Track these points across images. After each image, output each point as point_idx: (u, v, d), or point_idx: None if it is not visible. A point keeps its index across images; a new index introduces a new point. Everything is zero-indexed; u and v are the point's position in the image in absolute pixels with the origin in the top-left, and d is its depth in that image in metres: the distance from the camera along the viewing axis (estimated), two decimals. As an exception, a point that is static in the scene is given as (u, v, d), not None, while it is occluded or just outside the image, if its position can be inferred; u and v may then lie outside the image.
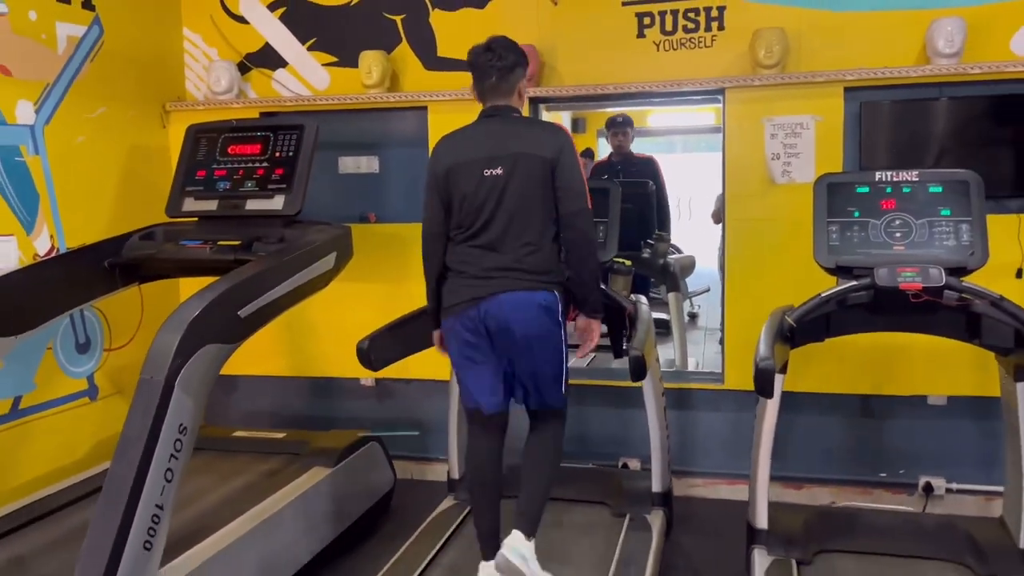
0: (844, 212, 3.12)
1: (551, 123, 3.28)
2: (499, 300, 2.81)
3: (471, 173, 2.87)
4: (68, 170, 4.07)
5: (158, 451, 2.57)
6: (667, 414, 3.86)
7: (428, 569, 3.14)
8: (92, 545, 2.44)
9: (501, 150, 2.86)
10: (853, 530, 3.34)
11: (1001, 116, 4.01)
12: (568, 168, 2.84)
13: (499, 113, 2.96)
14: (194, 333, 2.71)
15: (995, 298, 2.82)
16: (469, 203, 2.87)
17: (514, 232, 2.84)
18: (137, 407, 2.59)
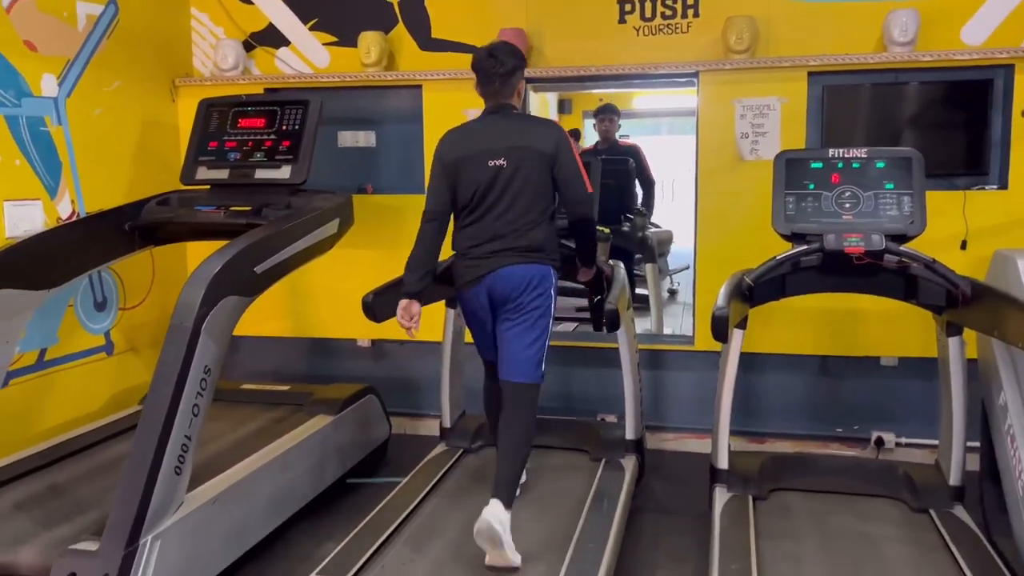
0: (800, 185, 3.48)
1: (547, 120, 3.60)
2: (499, 274, 3.17)
3: (478, 164, 3.19)
4: (87, 140, 4.38)
5: (187, 388, 2.91)
6: (640, 372, 4.22)
7: (425, 500, 3.51)
8: (133, 465, 2.79)
9: (503, 143, 3.19)
10: (805, 471, 3.74)
11: (952, 100, 4.37)
12: (567, 161, 3.18)
13: (500, 110, 3.29)
14: (217, 285, 3.05)
15: (928, 261, 3.20)
16: (475, 191, 3.20)
17: (514, 217, 3.18)
18: (169, 349, 2.92)
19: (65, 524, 3.04)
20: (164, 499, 2.85)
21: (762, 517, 3.34)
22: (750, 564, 2.91)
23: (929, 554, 3.05)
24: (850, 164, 3.47)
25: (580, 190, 3.19)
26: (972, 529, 3.21)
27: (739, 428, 4.58)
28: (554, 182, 3.19)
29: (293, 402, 4.35)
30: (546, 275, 3.20)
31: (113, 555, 2.67)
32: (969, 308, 3.17)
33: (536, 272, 3.17)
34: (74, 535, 2.89)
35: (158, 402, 2.86)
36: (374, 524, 3.26)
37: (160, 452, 2.82)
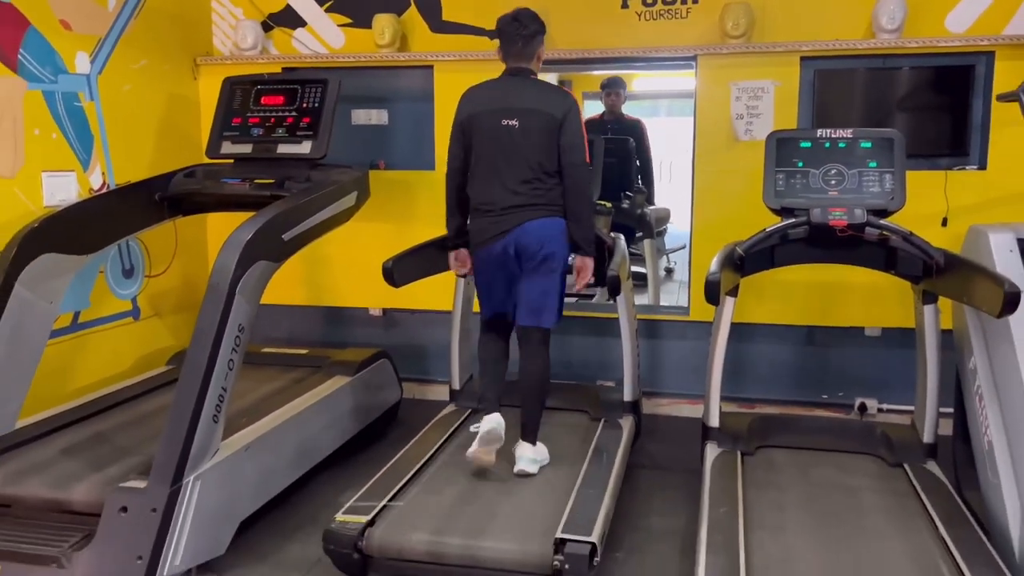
0: (789, 163, 3.75)
1: (561, 89, 3.86)
2: (524, 228, 3.47)
3: (491, 121, 3.47)
4: (116, 115, 4.63)
5: (223, 344, 3.19)
6: (638, 338, 4.50)
7: (438, 451, 3.80)
8: (176, 412, 3.07)
9: (518, 104, 3.46)
10: (790, 430, 4.04)
11: (936, 85, 4.63)
12: (572, 128, 3.45)
13: (520, 73, 3.55)
14: (250, 250, 3.32)
15: (906, 233, 3.47)
16: (487, 146, 3.48)
17: (525, 174, 3.46)
18: (207, 308, 3.19)
19: (111, 467, 3.32)
20: (203, 444, 3.13)
21: (749, 470, 3.64)
22: (737, 509, 3.20)
23: (901, 502, 3.34)
24: (836, 144, 3.73)
25: (578, 156, 3.44)
26: (942, 481, 3.51)
27: (730, 394, 4.84)
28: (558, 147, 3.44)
29: (312, 364, 4.64)
30: (563, 228, 3.52)
31: (160, 492, 2.96)
32: (943, 277, 3.45)
33: (555, 224, 3.49)
34: (121, 475, 3.18)
35: (198, 356, 3.13)
36: (392, 472, 3.55)
37: (200, 401, 3.10)
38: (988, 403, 3.39)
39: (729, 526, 3.05)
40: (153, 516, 2.92)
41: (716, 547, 2.90)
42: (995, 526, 3.21)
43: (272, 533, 3.59)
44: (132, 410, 4.02)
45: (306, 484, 3.98)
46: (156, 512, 2.93)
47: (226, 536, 3.26)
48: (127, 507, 2.93)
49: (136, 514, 2.92)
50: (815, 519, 3.19)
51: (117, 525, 2.91)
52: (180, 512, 3.00)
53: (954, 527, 3.08)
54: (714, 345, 3.83)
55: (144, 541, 2.89)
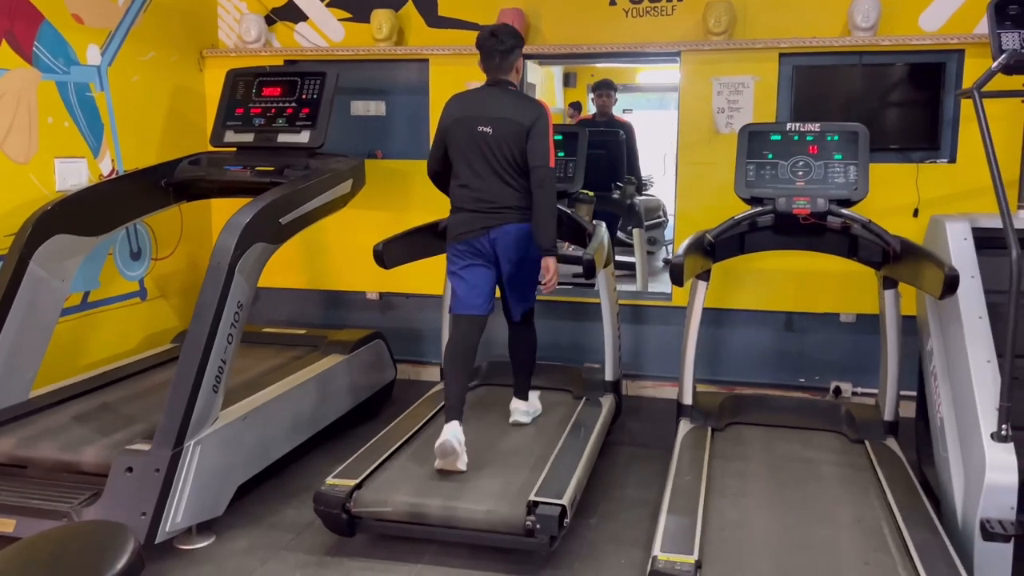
0: (760, 155, 3.98)
1: (535, 99, 4.10)
2: (505, 230, 3.73)
3: (468, 128, 3.72)
4: (126, 105, 4.89)
5: (223, 318, 3.44)
6: (620, 322, 4.73)
7: (423, 427, 4.04)
8: (179, 381, 3.32)
9: (493, 113, 3.71)
10: (760, 408, 4.28)
11: (909, 81, 4.85)
12: (539, 134, 3.67)
13: (498, 84, 3.79)
14: (249, 232, 3.56)
15: (865, 221, 3.70)
16: (463, 151, 3.73)
17: (500, 177, 3.71)
18: (208, 285, 3.44)
19: (118, 432, 3.58)
20: (204, 411, 3.38)
21: (718, 444, 3.88)
22: (701, 477, 3.44)
23: (857, 474, 3.58)
24: (805, 137, 3.96)
25: (542, 159, 3.63)
26: (898, 456, 3.74)
27: (710, 377, 5.13)
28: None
29: (309, 343, 4.90)
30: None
31: (163, 454, 3.21)
32: (899, 263, 3.68)
33: (529, 229, 3.73)
34: (127, 440, 3.44)
35: (200, 329, 3.38)
36: (382, 441, 3.81)
37: (201, 371, 3.35)
38: (941, 383, 3.61)
39: (691, 492, 3.30)
40: (156, 476, 3.17)
41: (677, 510, 3.14)
42: (945, 498, 3.43)
43: (268, 499, 3.85)
44: (138, 383, 4.29)
45: (302, 456, 4.24)
46: (159, 472, 3.18)
47: (224, 498, 3.51)
48: (132, 467, 3.18)
49: (141, 474, 3.17)
50: (774, 488, 3.44)
51: (123, 484, 3.16)
52: (181, 474, 3.25)
53: (902, 496, 3.32)
54: (688, 327, 4.07)
55: (148, 499, 3.14)
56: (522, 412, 4.12)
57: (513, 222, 3.72)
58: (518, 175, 3.70)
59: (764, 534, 3.06)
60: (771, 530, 3.09)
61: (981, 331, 3.36)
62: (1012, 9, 3.74)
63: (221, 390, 3.50)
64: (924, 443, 3.98)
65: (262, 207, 3.69)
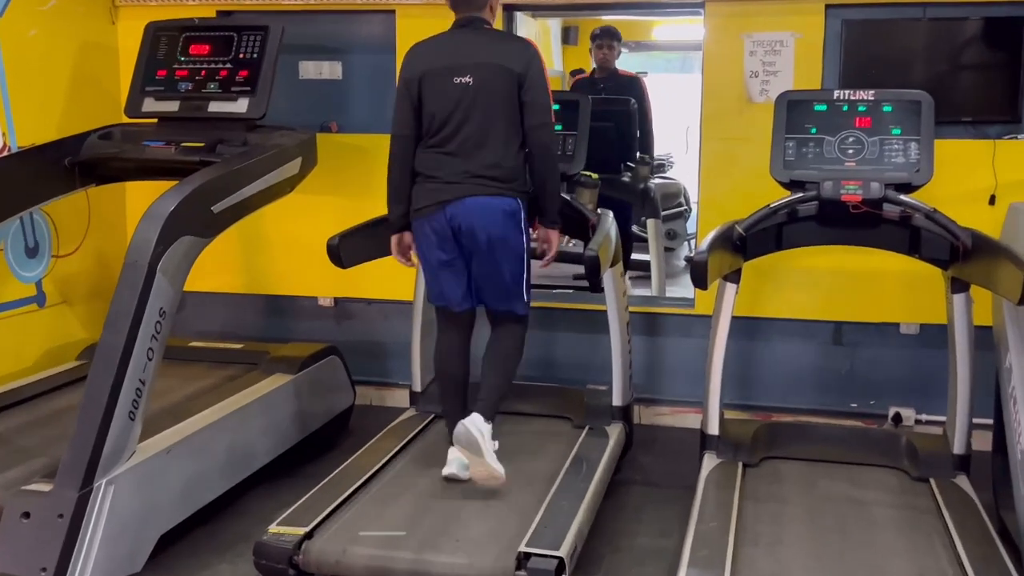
0: (802, 129, 4.05)
1: (520, 37, 4.17)
2: (465, 204, 3.74)
3: (442, 80, 3.76)
4: (20, 66, 4.93)
5: (142, 329, 3.48)
6: (631, 335, 4.79)
7: (391, 461, 4.09)
8: (87, 407, 3.37)
9: (471, 59, 3.75)
10: (802, 440, 4.35)
11: (985, 39, 4.93)
12: (535, 83, 3.73)
13: (471, 24, 3.83)
14: (173, 224, 3.61)
15: (928, 211, 3.77)
16: (438, 109, 3.77)
17: (480, 139, 3.74)
18: (123, 288, 3.48)
19: (13, 469, 3.62)
20: (118, 443, 3.42)
21: (750, 482, 3.94)
22: (729, 523, 3.49)
23: (918, 518, 3.64)
24: (856, 107, 4.03)
25: (543, 116, 3.72)
26: (970, 497, 3.81)
27: (741, 402, 5.19)
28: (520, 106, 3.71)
29: (248, 361, 4.96)
30: (515, 209, 3.78)
31: (67, 496, 3.25)
32: (971, 262, 3.75)
33: (505, 205, 3.75)
34: (23, 478, 3.48)
35: (112, 342, 3.43)
36: (337, 481, 3.85)
37: (115, 394, 3.39)
38: (1022, 407, 3.68)
39: (718, 541, 3.35)
40: (60, 523, 3.21)
41: (699, 563, 3.19)
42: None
43: (198, 550, 3.88)
44: (36, 409, 4.33)
45: (240, 497, 4.27)
46: (63, 519, 3.21)
47: (144, 550, 3.54)
48: (30, 512, 3.22)
49: (40, 520, 3.21)
50: (817, 535, 3.50)
51: (19, 533, 3.20)
52: (90, 520, 3.29)
53: (975, 545, 3.37)
54: (713, 339, 4.13)
55: (49, 551, 3.17)
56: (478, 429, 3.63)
57: (478, 194, 3.72)
58: (502, 135, 3.73)
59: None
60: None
61: (1070, 344, 3.43)
62: (1108, -48, 3.82)
63: (139, 417, 3.53)
64: (1001, 481, 4.04)
65: (189, 192, 3.74)
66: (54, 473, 3.34)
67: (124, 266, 3.52)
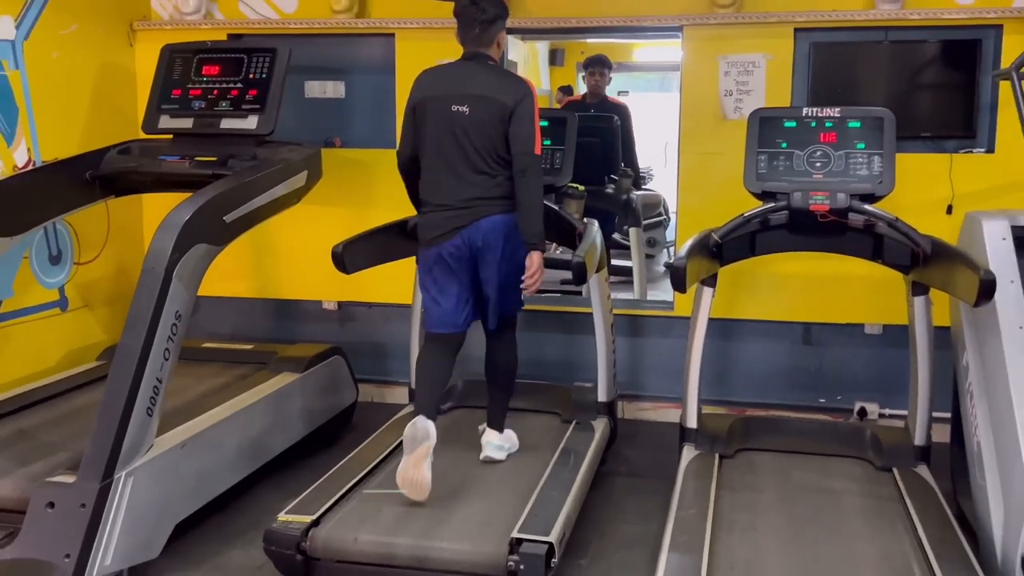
0: (773, 143, 4.07)
1: (518, 76, 4.16)
2: (479, 225, 3.76)
3: (441, 106, 3.77)
4: (44, 85, 4.92)
5: (159, 331, 3.48)
6: (615, 335, 4.80)
7: (390, 456, 4.08)
8: (108, 404, 3.36)
9: (470, 90, 3.76)
10: (774, 433, 4.37)
11: (943, 61, 4.97)
12: (523, 117, 3.73)
13: (476, 58, 3.85)
14: (188, 232, 3.61)
15: (891, 219, 3.79)
16: (436, 133, 3.78)
17: (475, 164, 3.75)
18: (141, 292, 3.48)
19: (37, 463, 3.61)
20: (137, 438, 3.42)
21: (726, 472, 3.96)
22: (707, 511, 3.51)
23: (883, 506, 3.66)
24: (823, 123, 4.05)
25: (527, 146, 3.70)
26: (931, 485, 3.83)
27: (717, 398, 5.20)
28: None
29: (257, 360, 4.96)
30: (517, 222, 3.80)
31: (90, 487, 3.24)
32: (930, 266, 3.77)
33: (511, 220, 3.77)
34: (48, 471, 3.47)
35: (132, 344, 3.42)
36: (342, 471, 3.85)
37: (134, 392, 3.38)
38: (978, 402, 3.70)
39: (696, 527, 3.36)
40: (82, 512, 3.20)
41: (679, 547, 3.21)
42: (983, 532, 3.52)
43: (211, 538, 3.88)
44: (59, 407, 4.32)
45: (250, 488, 4.27)
46: (85, 508, 3.20)
47: (161, 538, 3.54)
48: (54, 502, 3.20)
49: (64, 510, 3.20)
50: (789, 522, 3.51)
51: (44, 521, 3.19)
52: (111, 509, 3.28)
53: (935, 530, 3.39)
54: (692, 339, 4.15)
55: (72, 538, 3.16)
56: (495, 447, 4.06)
57: (488, 215, 3.75)
58: (497, 163, 3.75)
59: (777, 574, 3.12)
60: (786, 570, 3.15)
61: (1022, 343, 3.45)
62: (1055, -21, 3.86)
63: (156, 414, 3.53)
64: (959, 471, 4.06)
65: (203, 203, 3.74)
66: (77, 466, 3.33)
67: (142, 272, 3.52)
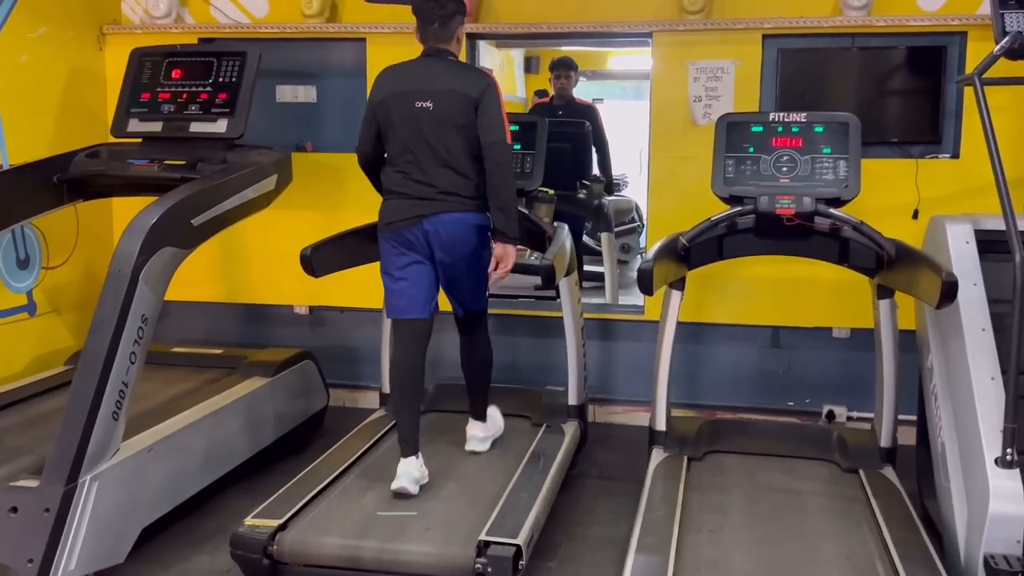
0: (740, 148, 4.08)
1: (479, 68, 4.21)
2: (440, 219, 3.74)
3: (404, 104, 3.76)
4: (12, 89, 4.88)
5: (125, 334, 3.44)
6: (585, 339, 4.80)
7: (359, 460, 4.07)
8: (72, 407, 3.32)
9: (432, 86, 3.76)
10: (742, 435, 4.38)
11: (909, 67, 5.01)
12: (489, 106, 3.73)
13: (437, 55, 3.85)
14: (155, 235, 3.58)
15: (856, 223, 3.81)
16: (401, 130, 3.77)
17: (442, 159, 3.74)
18: (107, 295, 3.44)
19: (2, 467, 3.56)
20: (102, 442, 3.38)
21: (694, 475, 3.96)
22: (675, 512, 3.51)
23: (849, 507, 3.67)
24: (790, 128, 4.07)
25: (497, 135, 3.70)
26: (895, 486, 3.84)
27: (686, 401, 5.22)
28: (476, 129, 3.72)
29: (226, 365, 4.92)
30: (483, 223, 3.81)
31: (53, 491, 3.20)
32: (895, 270, 3.79)
33: (476, 220, 3.77)
34: (11, 475, 3.42)
35: (97, 346, 3.38)
36: (310, 476, 3.82)
37: (99, 395, 3.35)
38: (942, 403, 3.73)
39: (663, 528, 3.36)
40: (46, 517, 3.16)
41: (647, 548, 3.21)
42: (947, 531, 3.54)
43: (178, 543, 3.84)
44: (25, 411, 4.27)
45: (218, 493, 4.23)
46: (49, 513, 3.16)
47: (126, 543, 3.50)
48: (17, 507, 3.16)
49: (27, 514, 3.15)
50: (756, 522, 3.52)
51: (7, 526, 3.14)
52: (75, 514, 3.24)
53: (899, 530, 3.41)
54: (660, 342, 4.15)
55: (36, 543, 3.12)
56: (479, 440, 4.15)
57: (451, 211, 3.73)
58: (463, 156, 3.73)
59: (743, 574, 3.13)
60: (752, 569, 3.16)
61: (984, 345, 3.48)
62: (1017, -13, 3.89)
63: (122, 417, 3.49)
64: (924, 472, 4.09)
65: (171, 206, 3.71)
66: (41, 470, 3.28)
67: (108, 275, 3.48)
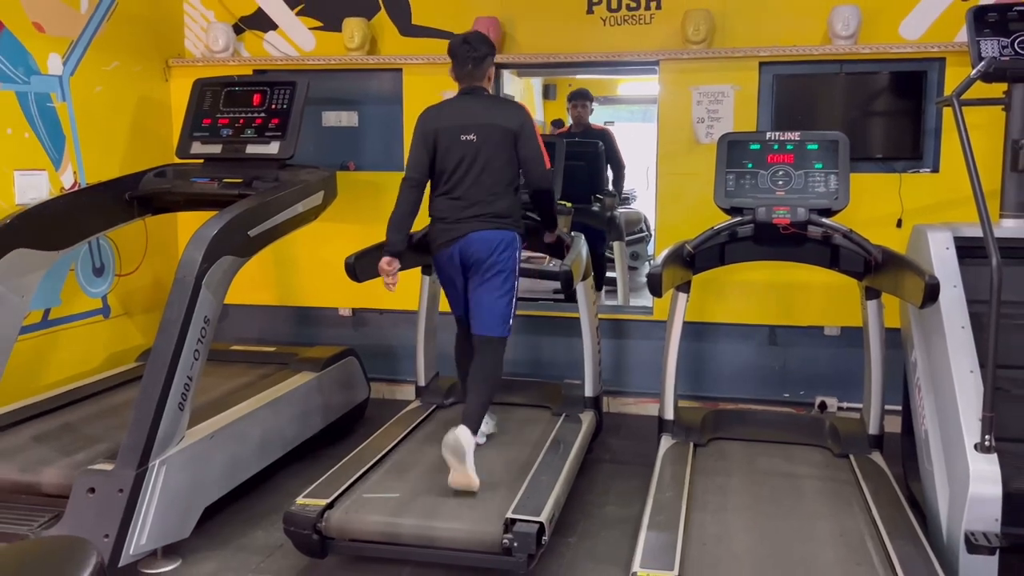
0: (739, 164, 4.06)
1: (514, 102, 4.20)
2: (469, 238, 3.77)
3: (452, 137, 3.79)
4: (88, 115, 4.92)
5: (189, 334, 3.46)
6: (600, 336, 4.79)
7: (400, 443, 4.08)
8: (143, 399, 3.34)
9: (474, 120, 3.78)
10: (742, 424, 4.34)
11: (893, 90, 4.97)
12: (529, 138, 3.79)
13: (473, 92, 3.87)
14: (216, 245, 3.60)
15: (845, 231, 3.79)
16: (448, 161, 3.79)
17: (482, 185, 3.77)
18: (173, 299, 3.47)
19: (79, 453, 3.59)
20: (169, 430, 3.40)
21: (700, 459, 3.94)
22: (682, 493, 3.49)
23: (840, 488, 3.64)
24: (784, 146, 4.04)
25: (540, 167, 3.80)
26: (883, 469, 3.81)
27: (692, 393, 5.20)
28: (518, 159, 3.78)
29: (279, 361, 4.94)
30: (512, 239, 3.80)
31: (126, 474, 3.23)
32: (881, 273, 3.77)
33: (503, 236, 3.77)
34: (89, 460, 3.46)
35: (165, 344, 3.41)
36: (354, 460, 3.83)
37: (167, 388, 3.37)
38: (925, 394, 3.69)
39: (672, 507, 3.35)
40: (120, 497, 3.19)
41: (657, 525, 3.19)
42: (930, 511, 3.50)
43: (236, 520, 3.86)
44: (100, 403, 4.31)
45: (272, 476, 4.25)
46: (123, 493, 3.19)
47: (191, 520, 3.52)
48: (95, 488, 3.19)
49: (103, 494, 3.18)
50: (756, 502, 3.50)
51: (85, 505, 3.17)
52: (146, 494, 3.27)
53: (887, 509, 3.38)
54: (668, 340, 4.13)
55: (111, 520, 3.15)
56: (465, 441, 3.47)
57: (480, 229, 3.75)
58: (500, 181, 3.76)
59: (745, 549, 3.11)
60: (752, 545, 3.14)
61: (964, 341, 3.44)
62: (991, 16, 3.86)
63: (187, 408, 3.52)
64: (909, 456, 4.05)
65: (230, 219, 3.73)
66: (115, 455, 3.32)
67: (174, 281, 3.51)
